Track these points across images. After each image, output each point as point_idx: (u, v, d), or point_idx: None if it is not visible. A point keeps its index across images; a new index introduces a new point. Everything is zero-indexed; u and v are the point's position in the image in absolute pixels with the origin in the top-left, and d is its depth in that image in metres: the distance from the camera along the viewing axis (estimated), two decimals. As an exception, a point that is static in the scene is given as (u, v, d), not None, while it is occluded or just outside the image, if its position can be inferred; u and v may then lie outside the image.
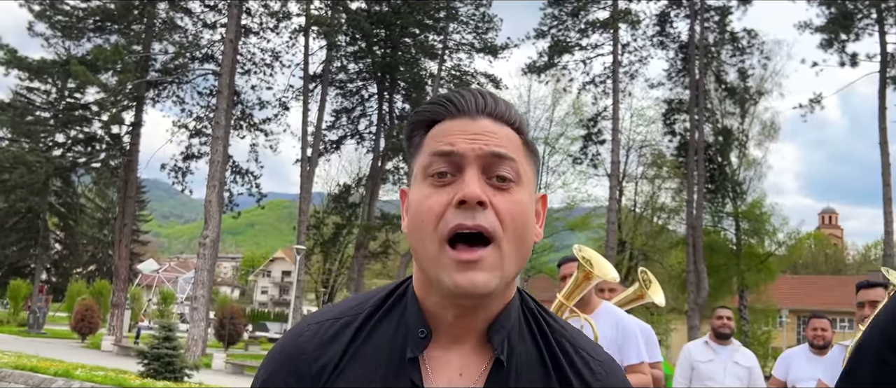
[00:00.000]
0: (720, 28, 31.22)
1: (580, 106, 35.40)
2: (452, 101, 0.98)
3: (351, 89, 33.00)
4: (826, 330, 5.56)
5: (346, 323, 1.00)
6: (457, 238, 0.91)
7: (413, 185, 0.99)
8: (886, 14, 27.87)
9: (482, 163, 0.93)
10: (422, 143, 0.98)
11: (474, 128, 0.95)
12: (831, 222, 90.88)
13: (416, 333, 0.97)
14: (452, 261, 0.90)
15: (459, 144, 0.93)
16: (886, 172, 27.10)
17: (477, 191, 0.90)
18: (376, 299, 1.04)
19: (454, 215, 0.90)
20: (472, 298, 0.92)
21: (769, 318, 39.21)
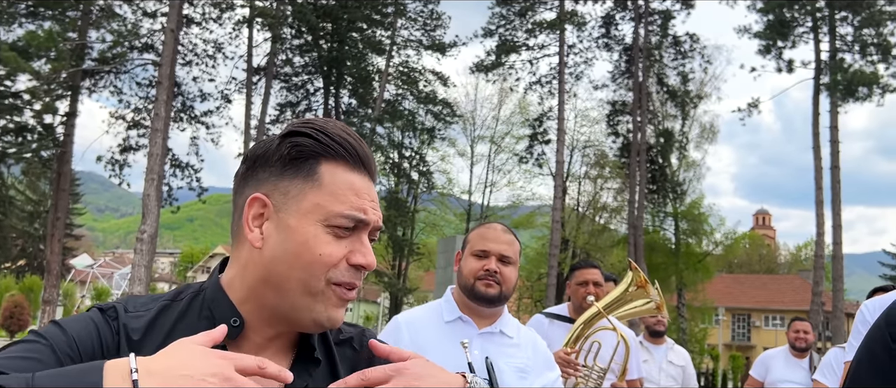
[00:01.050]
0: (663, 31, 31.85)
1: (526, 105, 35.70)
2: (359, 153, 1.06)
3: (296, 83, 32.52)
4: (808, 333, 5.65)
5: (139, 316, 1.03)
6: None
7: (293, 212, 1.02)
8: (821, 23, 28.88)
9: (373, 231, 1.07)
10: (316, 175, 1.03)
11: (372, 194, 1.07)
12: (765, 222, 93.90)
13: (228, 321, 1.01)
14: (336, 297, 1.02)
15: (370, 215, 1.05)
16: (819, 175, 28.09)
17: (374, 262, 1.05)
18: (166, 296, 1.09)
19: (348, 272, 1.02)
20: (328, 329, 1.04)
21: (706, 316, 40.28)
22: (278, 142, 1.06)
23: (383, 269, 41.49)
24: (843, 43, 29.15)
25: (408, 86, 32.28)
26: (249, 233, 1.04)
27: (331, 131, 1.04)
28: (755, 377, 5.78)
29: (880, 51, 28.82)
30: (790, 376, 5.50)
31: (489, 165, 39.02)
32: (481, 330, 2.36)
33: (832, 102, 28.34)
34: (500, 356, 2.26)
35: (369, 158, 1.07)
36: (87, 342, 0.95)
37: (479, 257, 2.34)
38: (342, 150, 1.04)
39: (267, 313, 1.04)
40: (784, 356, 5.71)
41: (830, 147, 28.21)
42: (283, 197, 1.03)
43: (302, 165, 1.03)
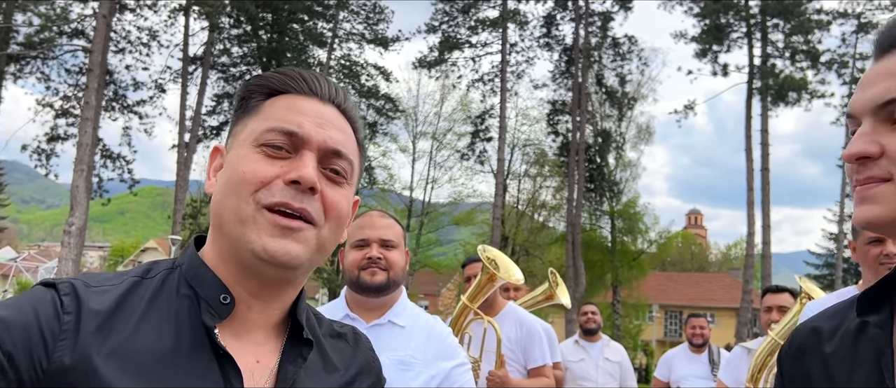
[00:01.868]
0: (602, 33, 32.33)
1: (468, 103, 35.77)
2: (306, 79, 0.95)
3: (234, 74, 31.75)
4: (704, 328, 5.82)
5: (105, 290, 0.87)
6: (276, 211, 0.87)
7: (234, 146, 0.94)
8: (755, 28, 29.80)
9: (321, 153, 0.92)
10: (259, 108, 0.94)
11: (322, 113, 0.93)
12: (697, 222, 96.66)
13: (217, 299, 0.88)
14: (268, 223, 0.86)
15: (306, 126, 0.90)
16: (750, 177, 28.97)
17: (314, 176, 0.88)
18: (135, 272, 0.94)
19: (281, 190, 0.87)
20: (280, 267, 0.87)
21: (640, 313, 41.18)
22: (237, 92, 1.01)
23: (322, 264, 41.08)
24: (775, 49, 30.18)
25: (349, 79, 31.91)
26: (207, 182, 0.97)
27: (286, 71, 0.97)
28: (659, 377, 5.94)
29: (809, 57, 29.94)
30: (691, 371, 5.68)
31: (431, 161, 38.96)
32: (369, 324, 2.19)
33: (764, 107, 29.30)
34: (384, 349, 2.13)
35: (323, 84, 0.96)
36: (17, 327, 0.77)
37: (360, 246, 2.25)
38: (290, 81, 0.95)
39: (232, 269, 0.90)
40: (684, 353, 5.88)
41: (761, 150, 29.16)
42: (232, 139, 0.97)
43: (248, 103, 0.96)
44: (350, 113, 0.98)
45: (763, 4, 29.21)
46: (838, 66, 31.44)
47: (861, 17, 31.58)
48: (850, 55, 32.29)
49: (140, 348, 0.82)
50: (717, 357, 5.68)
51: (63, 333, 0.80)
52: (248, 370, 0.88)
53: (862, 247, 2.49)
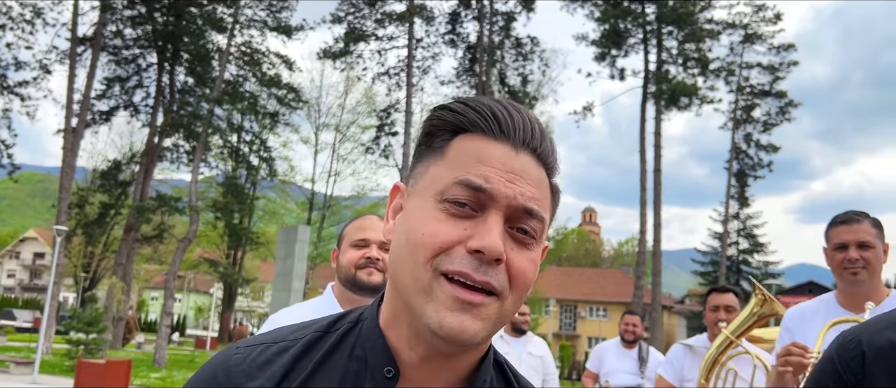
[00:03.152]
0: (505, 32, 32.79)
1: (373, 96, 35.52)
2: (498, 118, 0.81)
3: (126, 57, 30.26)
4: (637, 326, 6.00)
5: (282, 348, 0.85)
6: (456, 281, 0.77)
7: (416, 192, 0.83)
8: (650, 35, 31.01)
9: (509, 212, 0.79)
10: (444, 150, 0.82)
11: (514, 165, 0.80)
12: (591, 219, 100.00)
13: (382, 372, 0.81)
14: (448, 296, 0.76)
15: (495, 184, 0.78)
16: (644, 177, 30.14)
17: (500, 246, 0.76)
18: (322, 324, 0.88)
19: (462, 259, 0.76)
20: (454, 345, 0.78)
21: (538, 306, 42.19)
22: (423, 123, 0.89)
23: (217, 258, 39.85)
24: (669, 56, 31.54)
25: (250, 67, 31.00)
26: (385, 225, 0.88)
27: (474, 102, 0.83)
28: (591, 369, 6.13)
29: (700, 65, 31.47)
30: (621, 366, 5.87)
31: (334, 154, 38.48)
32: None
33: (657, 110, 30.57)
34: None
35: (517, 124, 0.82)
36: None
37: (359, 246, 2.22)
38: (479, 118, 0.81)
39: (405, 332, 0.82)
40: (615, 347, 6.08)
41: (654, 151, 30.40)
42: (414, 180, 0.85)
43: (434, 140, 0.84)
44: (546, 158, 0.85)
45: (659, 12, 30.43)
46: (726, 73, 33.24)
47: (748, 28, 33.48)
48: (737, 64, 34.21)
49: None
50: (646, 354, 5.87)
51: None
52: None
53: (829, 253, 2.54)
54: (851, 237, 2.44)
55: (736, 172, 36.19)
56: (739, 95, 34.89)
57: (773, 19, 33.45)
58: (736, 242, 39.52)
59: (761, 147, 35.76)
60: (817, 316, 2.54)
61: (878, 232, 2.46)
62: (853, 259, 2.42)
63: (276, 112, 32.51)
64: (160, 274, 44.73)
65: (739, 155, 36.04)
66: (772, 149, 35.63)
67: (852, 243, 2.43)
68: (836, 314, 2.48)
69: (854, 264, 2.42)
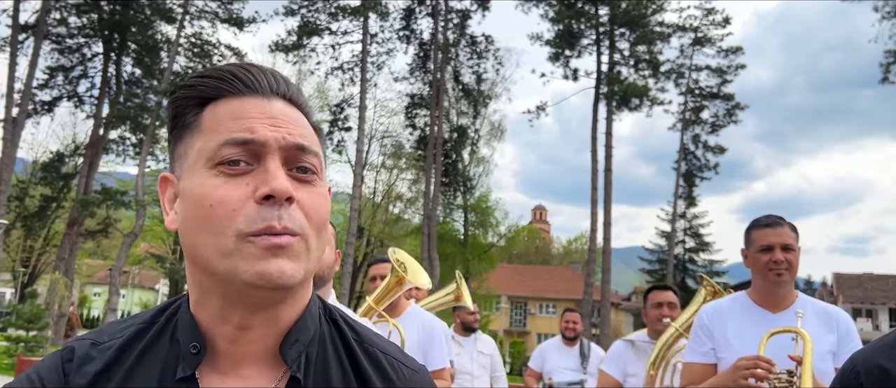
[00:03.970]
0: (460, 30, 32.84)
1: (325, 90, 35.18)
2: (239, 77, 0.83)
3: (71, 46, 29.29)
4: (577, 323, 6.07)
5: (109, 345, 0.85)
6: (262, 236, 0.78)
7: (186, 172, 0.82)
8: (603, 36, 31.43)
9: (285, 154, 0.81)
10: (198, 123, 0.83)
11: (272, 110, 0.82)
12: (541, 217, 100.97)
13: (188, 347, 0.82)
14: (258, 248, 0.76)
15: (260, 131, 0.80)
16: (595, 177, 30.57)
17: (287, 185, 0.78)
18: (145, 317, 0.89)
19: (258, 212, 0.77)
20: (277, 289, 0.78)
21: (488, 303, 42.43)
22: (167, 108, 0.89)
23: (164, 253, 39.00)
24: (621, 57, 32.03)
25: (200, 59, 30.35)
26: (166, 218, 0.86)
27: (211, 71, 0.84)
28: (533, 367, 6.21)
29: (650, 66, 32.05)
30: (563, 363, 5.96)
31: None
32: None
33: (609, 111, 31.00)
34: None
35: (260, 77, 0.84)
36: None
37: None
38: (221, 82, 0.83)
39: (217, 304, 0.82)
40: (557, 345, 6.16)
41: (605, 151, 30.85)
42: (179, 163, 0.85)
43: (185, 118, 0.84)
44: (299, 100, 0.87)
45: (612, 14, 30.88)
46: (676, 75, 33.92)
47: (697, 31, 34.21)
48: (686, 66, 34.93)
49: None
50: (587, 351, 5.94)
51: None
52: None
53: (753, 255, 2.62)
54: (776, 240, 2.54)
55: (684, 173, 36.97)
56: (688, 96, 35.66)
57: (721, 23, 34.26)
58: (682, 240, 40.39)
59: (708, 148, 36.61)
60: (733, 314, 2.63)
61: (795, 236, 2.58)
62: (778, 261, 2.51)
63: (226, 105, 31.90)
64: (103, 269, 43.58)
65: (687, 156, 36.83)
66: (719, 150, 36.51)
67: (777, 245, 2.53)
68: (752, 313, 2.59)
69: (779, 266, 2.51)
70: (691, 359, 2.67)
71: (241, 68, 0.84)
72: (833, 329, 2.52)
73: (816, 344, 2.42)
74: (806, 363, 2.28)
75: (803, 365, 2.29)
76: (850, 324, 2.56)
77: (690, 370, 2.66)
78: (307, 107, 0.88)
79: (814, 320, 2.50)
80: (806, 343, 2.33)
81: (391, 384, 0.90)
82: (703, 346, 2.64)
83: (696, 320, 2.74)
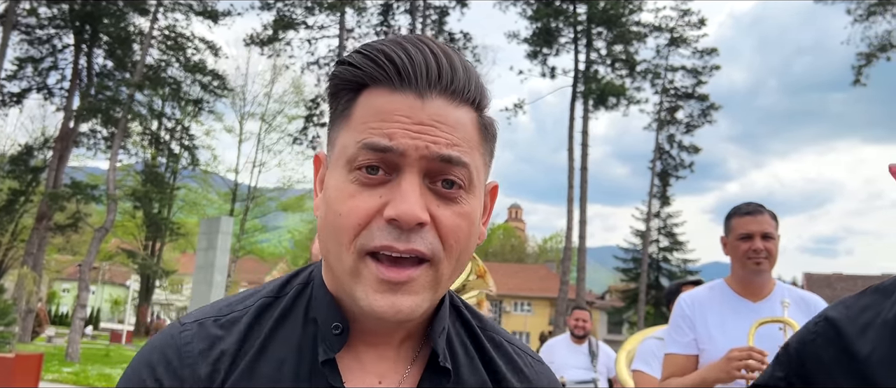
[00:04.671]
0: (438, 27, 32.73)
1: (301, 85, 34.90)
2: (396, 64, 0.73)
3: (41, 37, 28.75)
4: (586, 321, 6.00)
5: (233, 320, 0.80)
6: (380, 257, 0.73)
7: (332, 163, 0.78)
8: (581, 35, 31.52)
9: (426, 166, 0.73)
10: (350, 111, 0.76)
11: (422, 114, 0.73)
12: (517, 216, 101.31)
13: (330, 329, 0.78)
14: (373, 277, 0.72)
15: (399, 139, 0.72)
16: (571, 175, 30.64)
17: (416, 211, 0.71)
18: (270, 289, 0.84)
19: (382, 231, 0.72)
20: (392, 324, 0.76)
21: (464, 302, 42.28)
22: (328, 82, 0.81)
23: (135, 249, 38.44)
24: (598, 56, 32.15)
25: (174, 52, 29.94)
26: (315, 198, 0.82)
27: (374, 46, 0.75)
28: None
29: (627, 66, 32.21)
30: (573, 361, 5.87)
31: (259, 144, 37.66)
32: None
33: (585, 109, 31.09)
34: None
35: (419, 66, 0.73)
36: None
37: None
38: (377, 69, 0.73)
39: (349, 296, 0.77)
40: (566, 343, 6.07)
41: (581, 150, 30.95)
42: (330, 149, 0.80)
43: (339, 102, 0.78)
44: (464, 94, 0.76)
45: (590, 13, 30.97)
46: (652, 75, 34.14)
47: (673, 31, 34.45)
48: (662, 66, 35.17)
49: (259, 377, 0.75)
50: (596, 349, 5.88)
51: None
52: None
53: (732, 243, 2.59)
54: (756, 228, 2.52)
55: (659, 172, 37.24)
56: (664, 96, 35.91)
57: (697, 24, 34.53)
58: (657, 239, 40.74)
59: (683, 148, 36.91)
60: (713, 302, 2.61)
61: (775, 224, 2.56)
62: (758, 249, 2.49)
63: (199, 99, 31.55)
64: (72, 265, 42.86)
65: (662, 155, 37.10)
66: (693, 150, 36.85)
67: (757, 234, 2.51)
68: (732, 301, 2.57)
69: (758, 255, 2.49)
70: (673, 350, 2.63)
71: (402, 52, 0.74)
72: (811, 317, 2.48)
73: None
74: None
75: None
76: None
77: (672, 362, 2.61)
78: (477, 99, 0.78)
79: (794, 309, 2.46)
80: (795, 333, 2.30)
81: (520, 373, 0.87)
82: (684, 336, 2.60)
83: (675, 309, 2.69)
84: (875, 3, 27.01)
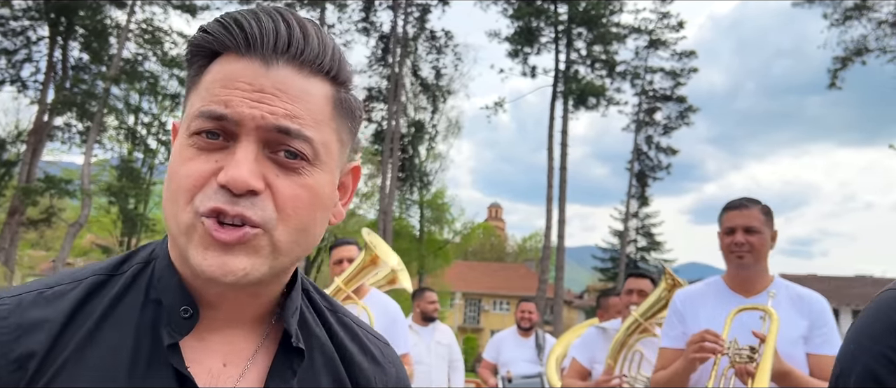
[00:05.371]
0: (420, 24, 32.66)
1: (281, 81, 34.61)
2: (244, 28, 0.72)
3: (14, 29, 28.23)
4: (532, 313, 6.00)
5: (59, 293, 0.74)
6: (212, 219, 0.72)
7: (181, 130, 0.76)
8: (561, 35, 31.59)
9: (264, 135, 0.72)
10: (200, 78, 0.75)
11: (264, 81, 0.72)
12: (497, 215, 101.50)
13: (178, 311, 0.75)
14: (202, 236, 0.71)
15: (236, 107, 0.71)
16: (550, 175, 30.70)
17: (246, 177, 0.70)
18: (104, 266, 0.79)
19: (216, 194, 0.70)
20: (221, 287, 0.73)
21: (443, 300, 42.34)
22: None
23: (110, 245, 37.97)
24: (579, 56, 32.25)
25: (151, 46, 29.59)
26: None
27: (225, 15, 0.74)
28: (488, 359, 6.12)
29: (607, 66, 32.34)
30: (519, 354, 5.87)
31: (237, 139, 37.38)
32: None
33: (565, 109, 31.17)
34: None
35: (267, 31, 0.72)
36: None
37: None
38: (227, 35, 0.72)
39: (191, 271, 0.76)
40: (512, 336, 6.08)
41: (560, 149, 31.01)
42: (181, 115, 0.79)
43: (192, 68, 0.77)
44: (318, 61, 0.74)
45: (571, 13, 31.04)
46: (632, 77, 34.31)
47: (652, 33, 34.65)
48: (641, 68, 35.36)
49: (90, 365, 0.70)
50: (542, 341, 5.86)
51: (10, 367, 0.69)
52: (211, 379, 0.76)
53: (720, 237, 2.61)
54: (740, 222, 2.51)
55: (637, 173, 37.45)
56: (643, 98, 36.11)
57: (676, 27, 34.74)
58: (634, 240, 40.95)
59: (661, 150, 37.15)
60: (707, 298, 2.60)
61: (766, 219, 2.53)
62: (739, 243, 2.49)
63: (177, 94, 31.24)
64: (46, 261, 42.25)
65: (641, 156, 37.32)
66: (671, 152, 37.09)
67: (740, 227, 2.51)
68: (725, 296, 2.55)
69: (740, 248, 2.49)
70: (664, 344, 2.64)
71: (253, 19, 0.72)
72: (805, 314, 2.46)
73: (787, 329, 2.38)
74: (769, 341, 2.24)
75: (767, 342, 2.24)
76: (824, 307, 2.49)
77: (663, 355, 2.62)
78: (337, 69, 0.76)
79: (787, 304, 2.45)
80: (773, 322, 2.28)
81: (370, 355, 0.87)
82: (674, 329, 2.60)
83: (670, 304, 2.71)
84: (851, 8, 27.32)
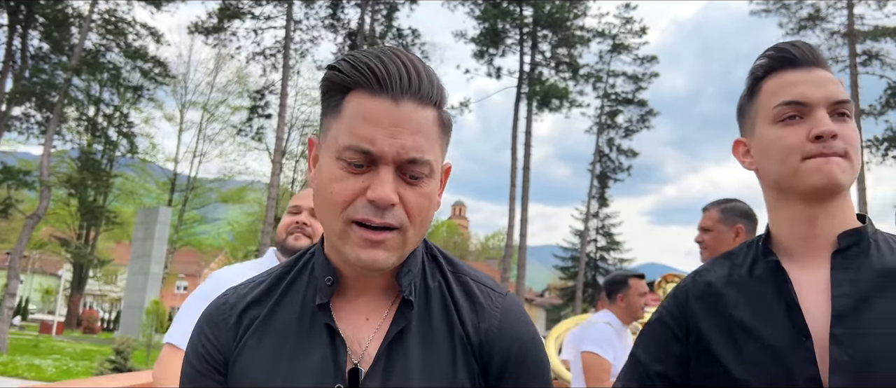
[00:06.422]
0: (388, 22, 32.70)
1: (245, 76, 34.46)
2: (376, 74, 0.96)
3: (-27, 19, 27.66)
4: None
5: (259, 280, 1.13)
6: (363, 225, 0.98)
7: (324, 147, 1.02)
8: (527, 37, 31.97)
9: (398, 163, 0.96)
10: (339, 109, 0.99)
11: (396, 117, 0.96)
12: (460, 213, 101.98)
13: (324, 280, 1.05)
14: (358, 237, 0.97)
15: (379, 144, 0.95)
16: (514, 174, 31.08)
17: (390, 196, 0.95)
18: (287, 262, 1.15)
19: (364, 208, 0.96)
20: (373, 272, 1.01)
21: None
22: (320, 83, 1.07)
23: (68, 237, 37.36)
24: (543, 58, 32.68)
25: (114, 37, 29.19)
26: (309, 173, 1.08)
27: (358, 57, 0.99)
28: None
29: (571, 69, 32.84)
30: None
31: (200, 133, 37.06)
32: None
33: (529, 110, 31.58)
34: None
35: (394, 75, 0.96)
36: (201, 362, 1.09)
37: (292, 213, 2.43)
38: (361, 76, 0.97)
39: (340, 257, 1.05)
40: None
41: (524, 150, 31.43)
42: (323, 135, 1.03)
43: (331, 99, 1.01)
44: (428, 97, 0.99)
45: (536, 15, 31.44)
46: (595, 80, 34.89)
47: (616, 38, 35.26)
48: (604, 71, 35.97)
49: (278, 321, 1.06)
50: None
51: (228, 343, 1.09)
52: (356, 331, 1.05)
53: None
54: (700, 223, 2.85)
55: (598, 174, 38.06)
56: (605, 100, 36.73)
57: (638, 32, 35.41)
58: (595, 239, 41.61)
59: (622, 152, 37.85)
60: None
61: (722, 217, 2.80)
62: (696, 241, 2.83)
63: (139, 86, 30.89)
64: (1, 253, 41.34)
65: (602, 158, 37.94)
66: (632, 154, 37.81)
67: (699, 228, 2.84)
68: None
69: (703, 244, 2.81)
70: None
71: (380, 63, 0.96)
72: None
73: None
74: None
75: None
76: None
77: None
78: (438, 100, 1.01)
79: None
80: None
81: (476, 303, 1.09)
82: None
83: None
84: (805, 18, 28.18)
